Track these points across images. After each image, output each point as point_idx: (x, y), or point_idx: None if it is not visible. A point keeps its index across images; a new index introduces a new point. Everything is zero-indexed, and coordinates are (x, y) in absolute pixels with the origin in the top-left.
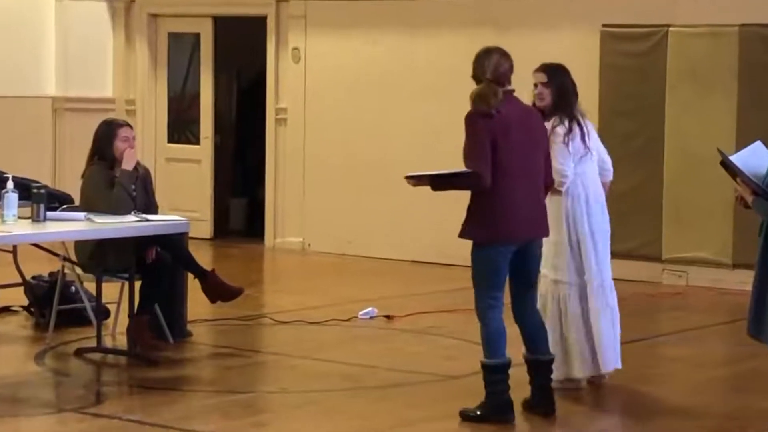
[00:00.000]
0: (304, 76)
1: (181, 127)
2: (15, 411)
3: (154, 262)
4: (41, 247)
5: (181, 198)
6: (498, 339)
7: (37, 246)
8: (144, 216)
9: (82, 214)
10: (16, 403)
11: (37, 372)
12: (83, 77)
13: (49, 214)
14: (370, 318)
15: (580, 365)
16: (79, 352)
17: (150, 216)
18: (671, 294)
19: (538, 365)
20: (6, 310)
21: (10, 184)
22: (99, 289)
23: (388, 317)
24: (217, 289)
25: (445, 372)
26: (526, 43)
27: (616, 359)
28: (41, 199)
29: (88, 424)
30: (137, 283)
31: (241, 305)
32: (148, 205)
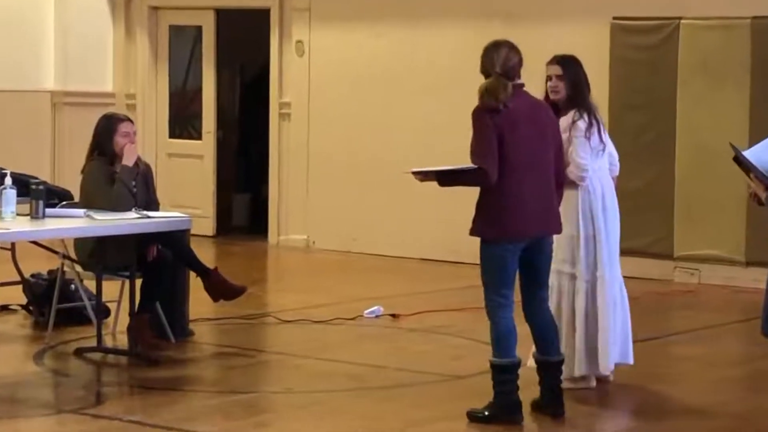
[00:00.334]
0: (308, 69)
1: (183, 122)
2: (13, 412)
3: (156, 259)
4: (40, 245)
5: (183, 194)
6: (507, 338)
7: (35, 243)
8: (145, 213)
9: (81, 211)
10: (14, 403)
11: (35, 372)
12: (83, 71)
13: (48, 210)
14: (376, 317)
15: (588, 363)
16: (78, 352)
17: (151, 213)
18: (683, 292)
19: (547, 366)
20: (4, 309)
21: (8, 180)
22: (99, 287)
23: (394, 316)
24: (220, 287)
25: (452, 372)
26: (534, 36)
27: (621, 356)
28: (40, 195)
29: (88, 425)
30: (138, 282)
31: (244, 304)
32: (149, 201)
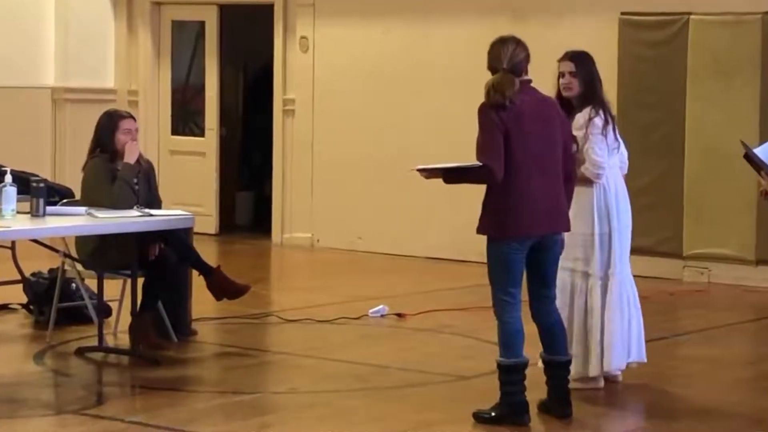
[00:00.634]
0: (313, 66)
1: (186, 119)
2: (13, 412)
3: (158, 258)
4: (41, 243)
5: (186, 192)
6: (514, 338)
7: (36, 242)
8: (147, 211)
9: (82, 209)
10: (14, 404)
11: (36, 372)
12: (84, 66)
13: (49, 208)
14: (381, 316)
15: (597, 362)
16: (79, 352)
17: (153, 211)
18: (693, 291)
19: (555, 366)
20: (5, 308)
21: (8, 178)
22: (100, 286)
23: (399, 315)
24: (223, 286)
25: (458, 372)
26: (542, 32)
27: (637, 355)
28: (41, 193)
29: (89, 425)
30: (140, 280)
31: (248, 303)
32: (151, 199)
